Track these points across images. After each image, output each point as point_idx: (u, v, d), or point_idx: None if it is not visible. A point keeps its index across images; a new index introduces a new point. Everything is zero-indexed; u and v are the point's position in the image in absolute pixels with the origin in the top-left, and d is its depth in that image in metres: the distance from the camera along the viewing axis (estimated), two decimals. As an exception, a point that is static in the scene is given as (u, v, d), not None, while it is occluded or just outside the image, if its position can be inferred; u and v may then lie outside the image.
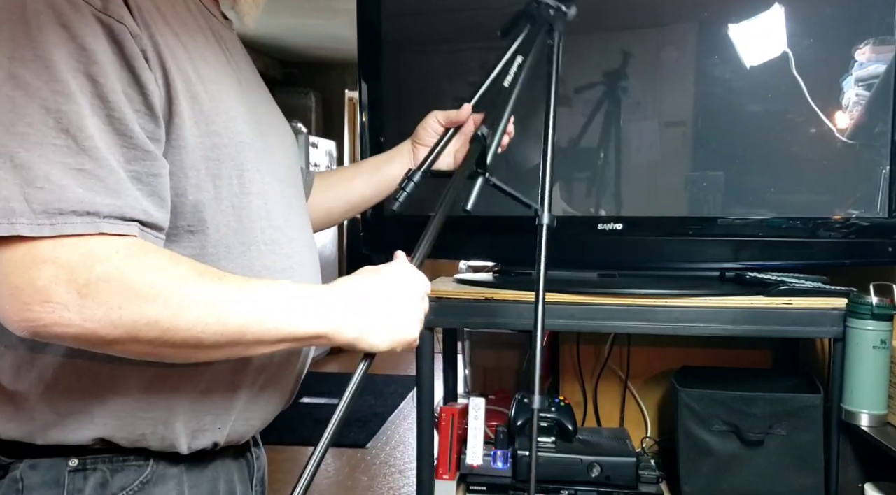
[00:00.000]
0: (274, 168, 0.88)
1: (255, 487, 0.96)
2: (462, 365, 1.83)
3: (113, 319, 0.66)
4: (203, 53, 0.81)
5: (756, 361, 1.57)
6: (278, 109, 1.00)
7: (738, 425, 1.27)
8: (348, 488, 3.28)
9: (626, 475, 1.35)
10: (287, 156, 0.95)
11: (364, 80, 1.43)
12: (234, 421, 0.84)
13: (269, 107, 0.96)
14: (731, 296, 1.25)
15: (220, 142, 0.79)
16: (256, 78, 0.96)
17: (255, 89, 0.93)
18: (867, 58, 1.23)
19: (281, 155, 0.92)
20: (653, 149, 1.34)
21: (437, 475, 1.39)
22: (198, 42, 0.81)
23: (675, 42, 1.33)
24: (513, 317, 1.30)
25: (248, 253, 0.82)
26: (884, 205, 1.23)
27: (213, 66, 0.81)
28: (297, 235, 0.90)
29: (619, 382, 1.63)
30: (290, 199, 0.91)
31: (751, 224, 1.29)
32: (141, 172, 0.71)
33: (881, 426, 1.17)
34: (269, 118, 0.93)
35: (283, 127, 0.98)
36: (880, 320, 1.15)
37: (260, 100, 0.92)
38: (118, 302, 0.66)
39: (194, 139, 0.76)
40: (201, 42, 0.82)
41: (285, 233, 0.87)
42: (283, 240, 0.87)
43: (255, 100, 0.90)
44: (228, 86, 0.83)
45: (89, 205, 0.66)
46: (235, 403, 0.84)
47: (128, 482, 0.79)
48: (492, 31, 1.41)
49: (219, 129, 0.79)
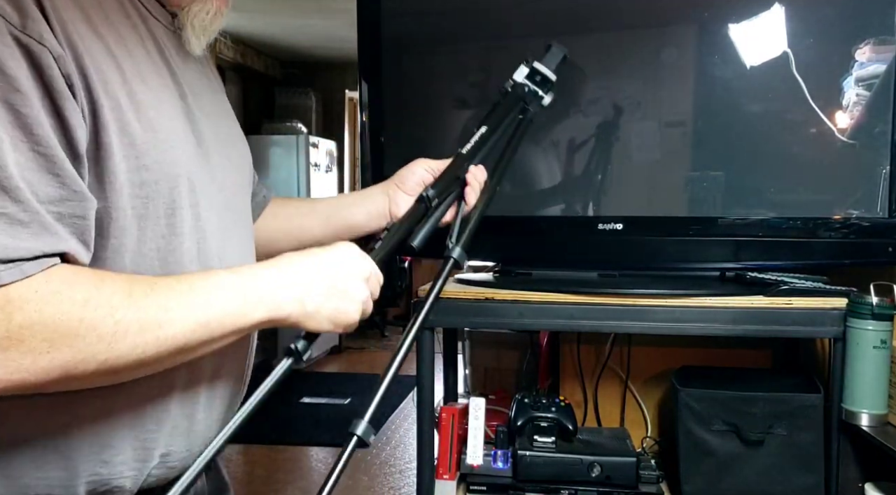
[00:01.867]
0: (212, 197, 0.83)
1: None
2: (462, 365, 1.83)
3: (43, 365, 0.62)
4: (140, 70, 0.75)
5: (756, 361, 1.57)
6: (232, 119, 0.96)
7: (738, 425, 1.27)
8: (348, 488, 3.29)
9: (627, 475, 1.35)
10: (233, 174, 0.90)
11: (364, 80, 1.43)
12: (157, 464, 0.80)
13: (218, 119, 0.90)
14: (731, 296, 1.25)
15: (150, 178, 0.73)
16: (210, 86, 0.92)
17: (205, 100, 0.87)
18: (867, 58, 1.23)
19: (224, 176, 0.87)
20: (653, 150, 1.34)
21: (437, 475, 1.39)
22: (135, 57, 0.76)
23: (675, 42, 1.33)
24: (513, 317, 1.30)
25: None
26: (884, 205, 1.23)
27: (151, 85, 0.76)
28: (233, 264, 0.85)
29: (619, 382, 1.63)
30: (229, 230, 0.87)
31: (751, 224, 1.29)
32: (65, 214, 0.66)
33: (881, 426, 1.17)
34: (216, 132, 0.87)
35: (234, 140, 0.94)
36: (880, 320, 1.15)
37: (209, 111, 0.87)
38: (45, 346, 0.62)
39: (122, 175, 0.71)
40: (139, 56, 0.76)
41: (219, 264, 0.84)
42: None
43: (203, 114, 0.85)
44: (168, 106, 0.78)
45: (13, 250, 0.61)
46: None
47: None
48: (492, 31, 1.41)
49: (149, 164, 0.73)
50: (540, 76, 1.07)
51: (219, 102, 0.94)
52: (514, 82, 1.08)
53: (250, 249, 0.95)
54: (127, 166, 0.71)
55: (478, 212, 1.00)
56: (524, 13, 1.38)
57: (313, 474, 3.46)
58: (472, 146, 1.03)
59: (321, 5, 4.39)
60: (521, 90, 1.07)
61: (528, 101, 1.07)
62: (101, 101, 0.69)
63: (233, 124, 0.96)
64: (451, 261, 0.91)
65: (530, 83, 1.08)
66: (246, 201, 0.96)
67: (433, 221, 1.00)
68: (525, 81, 1.07)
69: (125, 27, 0.76)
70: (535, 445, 1.38)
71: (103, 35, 0.72)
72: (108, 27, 0.73)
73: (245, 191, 0.96)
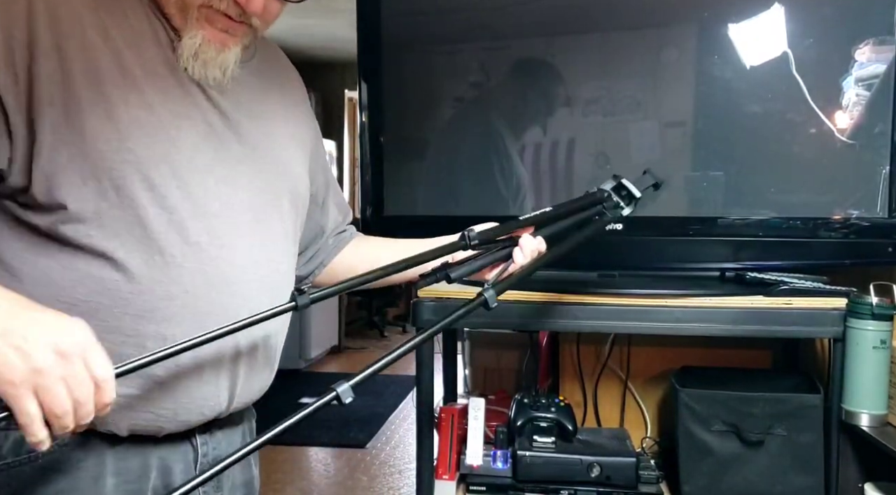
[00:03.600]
0: (225, 191, 0.91)
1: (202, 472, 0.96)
2: (462, 365, 1.83)
3: None
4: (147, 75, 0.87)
5: (756, 361, 1.57)
6: (280, 142, 1.02)
7: (738, 425, 1.27)
8: (348, 488, 3.28)
9: (626, 475, 1.35)
10: (259, 182, 0.97)
11: (364, 80, 1.43)
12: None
13: (256, 137, 0.97)
14: (731, 296, 1.25)
15: (132, 158, 0.84)
16: (252, 110, 0.98)
17: (242, 120, 0.95)
18: (867, 58, 1.23)
19: (249, 180, 0.95)
20: (653, 149, 1.34)
21: (437, 475, 1.39)
22: (147, 66, 0.87)
23: (675, 42, 1.33)
24: (513, 317, 1.29)
25: (152, 262, 0.85)
26: (884, 205, 1.23)
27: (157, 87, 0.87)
28: (234, 256, 0.91)
29: (619, 382, 1.63)
30: (241, 224, 0.93)
31: (751, 224, 1.29)
32: None
33: (881, 426, 1.17)
34: (245, 144, 0.95)
35: (272, 156, 0.99)
36: (880, 320, 1.15)
37: (245, 129, 0.95)
38: None
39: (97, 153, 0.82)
40: (153, 67, 0.88)
41: (207, 252, 0.89)
42: (202, 257, 0.88)
43: (232, 127, 0.94)
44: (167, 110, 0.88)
45: None
46: None
47: None
48: (491, 31, 1.41)
49: (132, 146, 0.83)
50: (626, 191, 1.13)
51: (265, 123, 1.00)
52: (597, 189, 1.14)
53: (271, 245, 0.98)
54: (109, 148, 0.83)
55: (519, 275, 1.01)
56: (524, 13, 1.38)
57: (312, 474, 3.46)
58: (532, 216, 1.07)
59: (321, 5, 4.39)
60: (601, 195, 1.13)
61: (606, 207, 1.13)
62: (81, 97, 0.82)
63: (279, 145, 1.02)
64: (481, 299, 0.92)
65: (613, 194, 1.13)
66: (279, 205, 1.00)
67: (477, 265, 1.03)
68: (609, 191, 1.13)
69: (151, 49, 0.89)
70: (534, 445, 1.38)
71: (118, 49, 0.85)
72: (129, 45, 0.86)
73: (281, 198, 1.01)
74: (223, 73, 0.92)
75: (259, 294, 0.94)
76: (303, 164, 1.08)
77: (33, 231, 0.84)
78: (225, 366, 0.92)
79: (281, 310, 0.86)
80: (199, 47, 0.89)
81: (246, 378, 0.96)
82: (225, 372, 0.92)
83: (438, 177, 1.45)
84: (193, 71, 0.90)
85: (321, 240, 1.19)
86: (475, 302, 0.92)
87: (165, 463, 0.93)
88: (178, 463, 0.94)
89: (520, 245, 1.04)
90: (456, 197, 1.43)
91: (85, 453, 0.87)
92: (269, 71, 1.06)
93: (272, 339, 1.00)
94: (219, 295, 0.89)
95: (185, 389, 0.89)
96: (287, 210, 1.02)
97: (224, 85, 0.93)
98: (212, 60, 0.90)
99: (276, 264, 0.99)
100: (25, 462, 0.85)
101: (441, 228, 1.12)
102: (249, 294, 0.92)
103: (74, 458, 0.87)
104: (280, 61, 1.12)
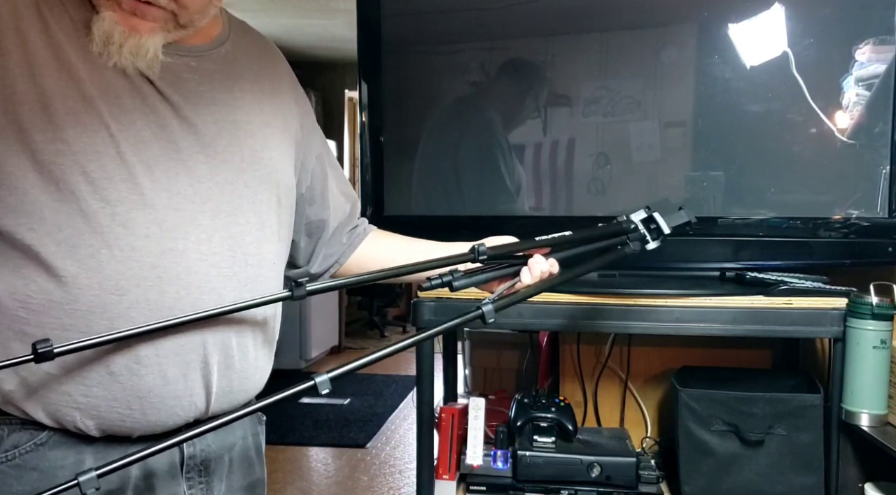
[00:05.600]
0: (178, 183, 0.89)
1: (188, 474, 0.95)
2: (462, 365, 1.83)
3: None
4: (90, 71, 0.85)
5: (756, 361, 1.57)
6: (248, 130, 0.98)
7: (738, 425, 1.27)
8: (348, 488, 3.28)
9: (627, 475, 1.35)
10: (225, 172, 0.94)
11: (364, 80, 1.43)
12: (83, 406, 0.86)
13: (220, 125, 0.95)
14: (731, 296, 1.25)
15: (67, 150, 0.83)
16: (216, 96, 0.95)
17: (201, 108, 0.93)
18: (867, 58, 1.23)
19: (210, 172, 0.92)
20: (653, 149, 1.34)
21: (437, 475, 1.39)
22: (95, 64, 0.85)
23: (675, 42, 1.33)
24: (513, 317, 1.29)
25: (98, 255, 0.84)
26: (884, 205, 1.24)
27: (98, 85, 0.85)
28: (188, 247, 0.89)
29: (619, 382, 1.63)
30: (197, 214, 0.90)
31: (751, 224, 1.29)
32: None
33: (881, 426, 1.17)
34: (204, 133, 0.93)
35: (239, 145, 0.96)
36: (880, 320, 1.15)
37: (204, 118, 0.93)
38: None
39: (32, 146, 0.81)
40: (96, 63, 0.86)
41: (160, 244, 0.87)
42: (153, 249, 0.86)
43: (187, 117, 0.91)
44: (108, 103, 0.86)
45: None
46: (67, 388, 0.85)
47: (21, 441, 0.85)
48: (491, 31, 1.41)
49: (67, 137, 0.83)
50: (655, 225, 1.10)
51: (233, 111, 0.97)
52: (626, 218, 1.11)
53: (240, 237, 0.95)
54: (43, 138, 0.82)
55: (525, 293, 1.00)
56: (524, 13, 1.38)
57: (313, 474, 3.46)
58: (548, 238, 1.05)
59: (321, 5, 4.39)
60: (628, 226, 1.10)
61: (630, 238, 1.10)
62: (17, 88, 0.82)
63: (249, 133, 0.99)
64: (478, 312, 0.92)
65: (641, 226, 1.10)
66: (248, 196, 0.97)
67: (482, 278, 1.02)
68: (638, 223, 1.10)
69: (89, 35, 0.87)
70: (534, 445, 1.38)
71: (58, 42, 0.85)
72: (70, 37, 0.85)
73: (250, 188, 0.97)
74: (145, 60, 0.88)
75: (222, 287, 0.91)
76: (284, 153, 1.04)
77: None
78: (193, 363, 0.90)
79: (271, 300, 0.87)
80: (107, 30, 0.86)
81: (223, 375, 0.93)
82: (195, 372, 0.90)
83: (439, 177, 1.45)
84: (109, 57, 0.86)
85: (325, 235, 1.15)
86: (472, 314, 0.92)
87: (146, 463, 0.90)
88: (161, 464, 0.92)
89: (528, 265, 1.02)
90: (456, 196, 1.43)
91: (62, 453, 0.87)
92: (243, 58, 1.02)
93: (252, 335, 0.97)
94: (172, 287, 0.87)
95: (148, 388, 0.87)
96: (265, 200, 0.99)
97: (156, 73, 0.90)
98: (127, 47, 0.87)
99: (246, 256, 0.95)
100: (3, 461, 0.85)
101: (441, 228, 1.12)
102: (208, 285, 0.89)
103: (52, 458, 0.86)
104: (259, 48, 1.08)
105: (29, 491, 0.85)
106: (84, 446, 0.88)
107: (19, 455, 0.86)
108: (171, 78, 0.91)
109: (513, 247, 1.03)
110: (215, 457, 0.98)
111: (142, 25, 0.87)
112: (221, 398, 0.94)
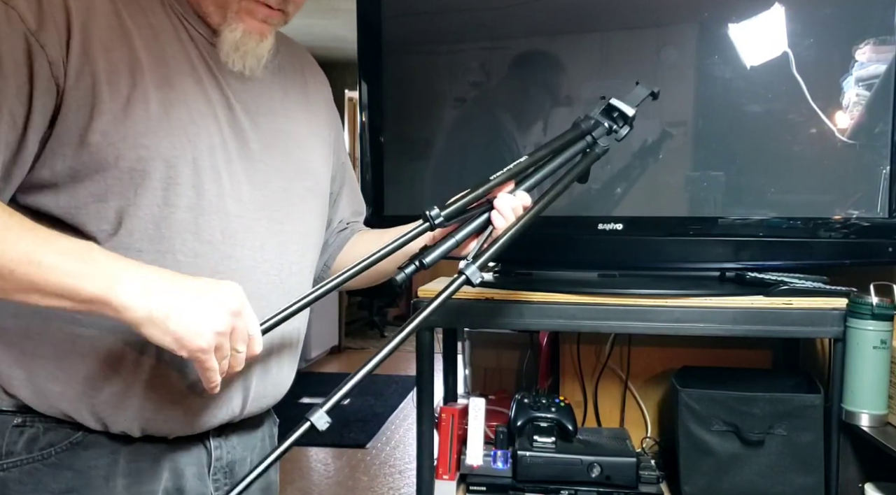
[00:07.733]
0: (236, 187, 0.90)
1: (214, 476, 0.97)
2: (462, 365, 1.83)
3: None
4: (170, 77, 0.87)
5: (756, 361, 1.57)
6: (298, 141, 1.01)
7: (738, 425, 1.27)
8: (348, 488, 3.28)
9: (627, 475, 1.35)
10: (280, 180, 0.96)
11: (364, 80, 1.43)
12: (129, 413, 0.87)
13: (276, 134, 0.97)
14: (731, 296, 1.25)
15: (147, 155, 0.84)
16: (273, 107, 0.98)
17: (261, 115, 0.96)
18: (867, 58, 1.22)
19: (267, 178, 0.94)
20: (653, 149, 1.34)
21: (437, 475, 1.39)
22: (171, 67, 0.88)
23: (675, 42, 1.33)
24: (513, 317, 1.29)
25: (162, 260, 0.84)
26: (884, 205, 1.23)
27: (178, 90, 0.87)
28: (244, 254, 0.91)
29: (619, 382, 1.63)
30: (253, 222, 0.92)
31: (751, 224, 1.28)
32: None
33: (881, 426, 1.17)
34: (267, 143, 0.95)
35: (290, 154, 0.99)
36: (880, 320, 1.15)
37: (264, 126, 0.96)
38: None
39: (114, 151, 0.82)
40: (177, 67, 0.88)
41: (220, 250, 0.88)
42: (214, 255, 0.88)
43: (253, 125, 0.94)
44: (194, 107, 0.88)
45: None
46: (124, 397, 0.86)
47: (56, 440, 0.87)
48: (492, 30, 1.41)
49: (147, 143, 0.84)
50: (617, 112, 1.04)
51: (285, 121, 1.00)
52: (583, 117, 1.04)
53: (289, 248, 0.97)
54: (125, 145, 0.83)
55: (505, 236, 0.93)
56: (524, 13, 1.38)
57: (313, 474, 3.46)
58: (505, 171, 0.97)
59: (321, 5, 4.39)
60: (588, 124, 1.03)
61: (596, 135, 1.03)
62: (102, 95, 0.82)
63: (299, 144, 1.01)
64: (462, 278, 0.89)
65: (603, 118, 1.04)
66: (297, 205, 1.00)
67: (452, 243, 0.95)
68: (597, 117, 1.03)
69: (172, 46, 0.89)
70: (534, 445, 1.38)
71: (137, 48, 0.85)
72: (149, 44, 0.87)
73: (299, 197, 1.00)
74: (258, 62, 0.93)
75: (270, 294, 0.93)
76: (325, 163, 1.07)
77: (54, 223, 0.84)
78: None
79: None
80: (240, 39, 0.90)
81: (260, 381, 0.95)
82: (237, 375, 0.90)
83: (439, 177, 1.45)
84: (234, 63, 0.91)
85: (325, 235, 1.17)
86: (457, 283, 0.86)
87: (177, 465, 0.92)
88: (190, 465, 0.94)
89: (496, 207, 0.95)
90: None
91: (97, 453, 0.88)
92: (290, 69, 1.06)
93: (288, 340, 0.99)
94: None
95: (196, 391, 0.89)
96: (310, 209, 1.02)
97: (255, 76, 0.94)
98: (251, 51, 0.92)
99: (291, 264, 0.97)
100: (38, 459, 0.86)
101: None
102: (258, 292, 0.90)
103: (87, 458, 0.87)
104: (302, 58, 1.12)
105: (64, 489, 0.86)
106: (120, 446, 0.89)
107: (55, 453, 0.87)
108: (237, 85, 0.94)
109: (469, 197, 0.95)
110: (240, 459, 1.00)
111: (266, 30, 0.93)
112: (254, 402, 0.97)
